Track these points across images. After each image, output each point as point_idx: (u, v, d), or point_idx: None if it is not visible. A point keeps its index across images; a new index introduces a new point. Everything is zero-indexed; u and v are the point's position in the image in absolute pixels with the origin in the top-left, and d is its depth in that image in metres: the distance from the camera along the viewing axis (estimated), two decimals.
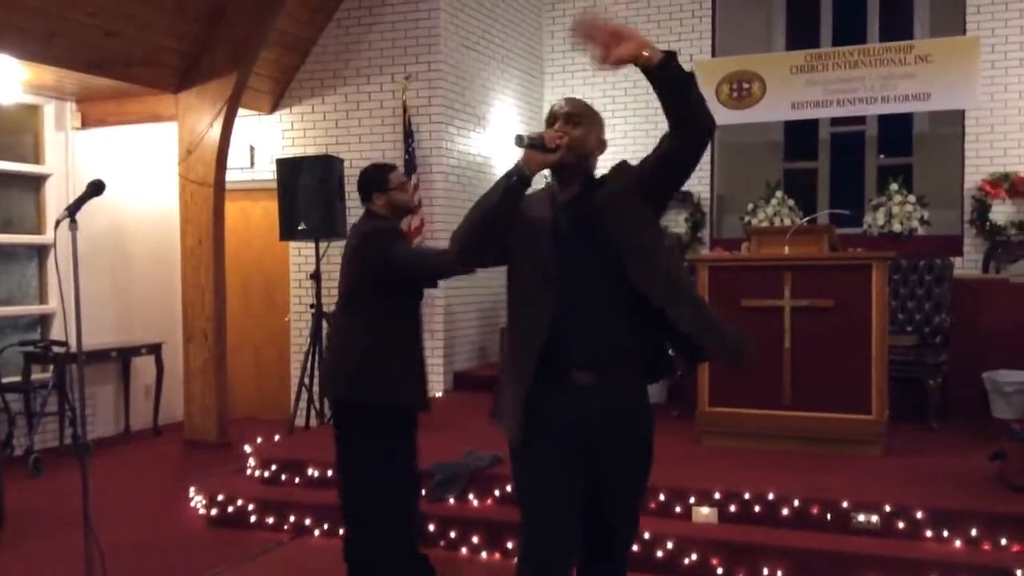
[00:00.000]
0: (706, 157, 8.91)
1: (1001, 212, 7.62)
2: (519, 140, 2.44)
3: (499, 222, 2.43)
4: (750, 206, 8.35)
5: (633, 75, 8.97)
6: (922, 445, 5.39)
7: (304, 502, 4.95)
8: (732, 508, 4.36)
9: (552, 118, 2.56)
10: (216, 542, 4.80)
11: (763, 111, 8.08)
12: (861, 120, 8.54)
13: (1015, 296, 6.50)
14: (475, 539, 4.53)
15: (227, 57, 6.76)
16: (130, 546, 4.58)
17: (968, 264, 7.69)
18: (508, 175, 2.41)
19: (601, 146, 2.61)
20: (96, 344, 6.96)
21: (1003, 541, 3.97)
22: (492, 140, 8.31)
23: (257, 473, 5.37)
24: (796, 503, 4.31)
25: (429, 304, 7.41)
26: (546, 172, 2.53)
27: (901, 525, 4.14)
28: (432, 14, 7.48)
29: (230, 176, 7.18)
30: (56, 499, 5.47)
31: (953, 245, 7.74)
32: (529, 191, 2.48)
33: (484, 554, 4.49)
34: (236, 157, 7.62)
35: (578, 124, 2.53)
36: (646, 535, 4.13)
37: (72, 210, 3.07)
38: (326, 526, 4.82)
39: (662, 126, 7.90)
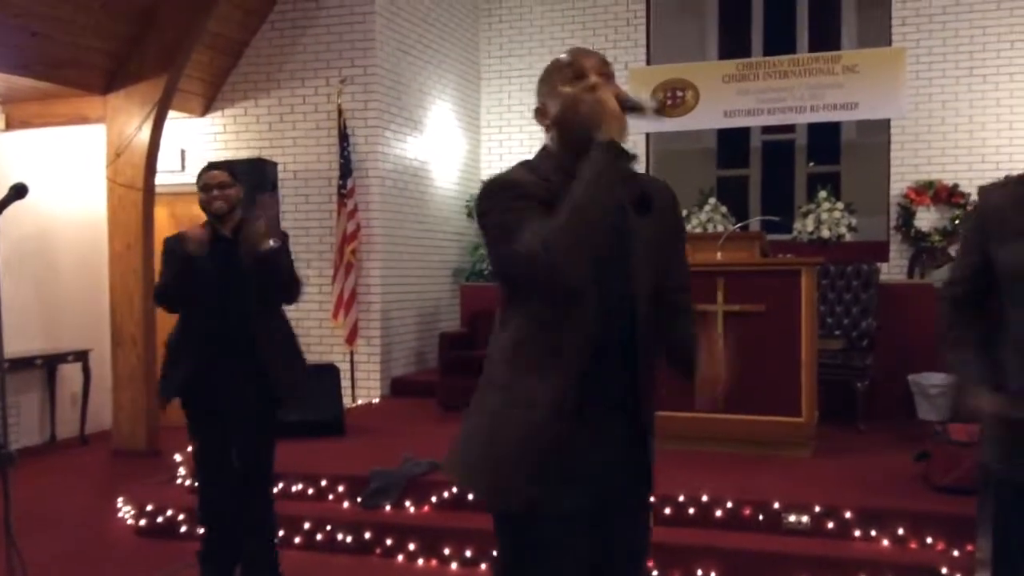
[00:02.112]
0: (641, 164, 9.04)
1: (925, 219, 7.85)
2: (634, 108, 1.91)
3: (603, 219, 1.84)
4: (684, 212, 8.45)
5: None
6: (850, 446, 5.52)
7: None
8: (667, 510, 4.40)
9: (588, 71, 2.04)
10: (145, 552, 4.68)
11: (696, 119, 8.20)
12: (791, 128, 8.73)
13: (939, 301, 6.68)
14: (411, 546, 4.49)
15: (157, 59, 6.62)
16: (56, 557, 4.45)
17: (894, 269, 7.90)
18: (607, 155, 1.81)
19: None
20: (20, 351, 6.75)
21: (929, 539, 4.08)
22: (429, 144, 8.29)
23: (187, 482, 5.26)
24: (729, 504, 4.37)
25: (366, 308, 7.36)
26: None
27: (831, 525, 4.23)
28: (367, 18, 7.43)
29: (160, 180, 7.03)
30: (34, 498, 5.28)
31: (879, 251, 7.94)
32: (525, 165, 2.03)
33: (421, 561, 4.46)
34: (166, 160, 7.46)
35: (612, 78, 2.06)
36: None
37: None
38: None
39: None
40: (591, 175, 1.80)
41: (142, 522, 4.97)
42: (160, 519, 4.93)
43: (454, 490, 4.73)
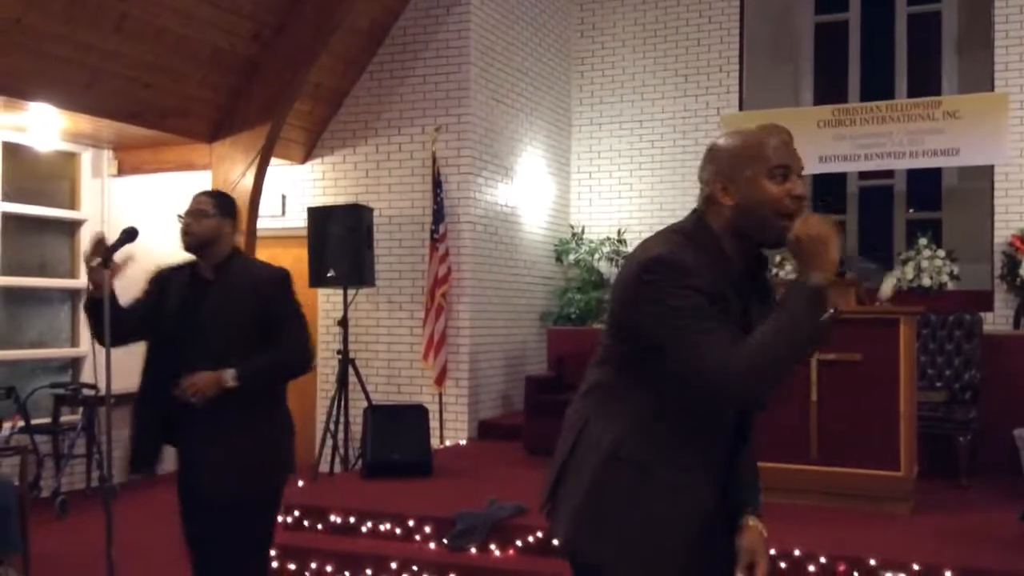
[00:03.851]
0: None
1: None
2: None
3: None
4: (777, 258, 8.34)
5: (659, 128, 9.08)
6: (952, 503, 5.30)
7: (326, 549, 4.93)
8: None
9: (783, 174, 1.96)
10: None
11: None
12: (890, 174, 8.55)
13: None
14: None
15: (261, 109, 6.90)
16: None
17: (999, 320, 7.61)
18: (819, 312, 1.82)
19: None
20: (126, 387, 7.00)
21: None
22: (519, 190, 8.39)
23: (280, 519, 5.36)
24: (823, 560, 4.24)
25: (455, 350, 7.45)
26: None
27: None
28: (462, 68, 7.62)
29: (262, 224, 7.28)
30: (81, 541, 5.50)
31: (983, 300, 7.67)
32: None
33: None
34: (268, 205, 7.73)
35: None
36: None
37: (106, 255, 3.12)
38: (347, 574, 4.80)
39: (689, 178, 8.07)
40: (805, 312, 1.81)
41: None
42: None
43: (539, 535, 4.71)
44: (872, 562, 4.16)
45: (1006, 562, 4.12)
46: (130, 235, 3.16)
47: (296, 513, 5.31)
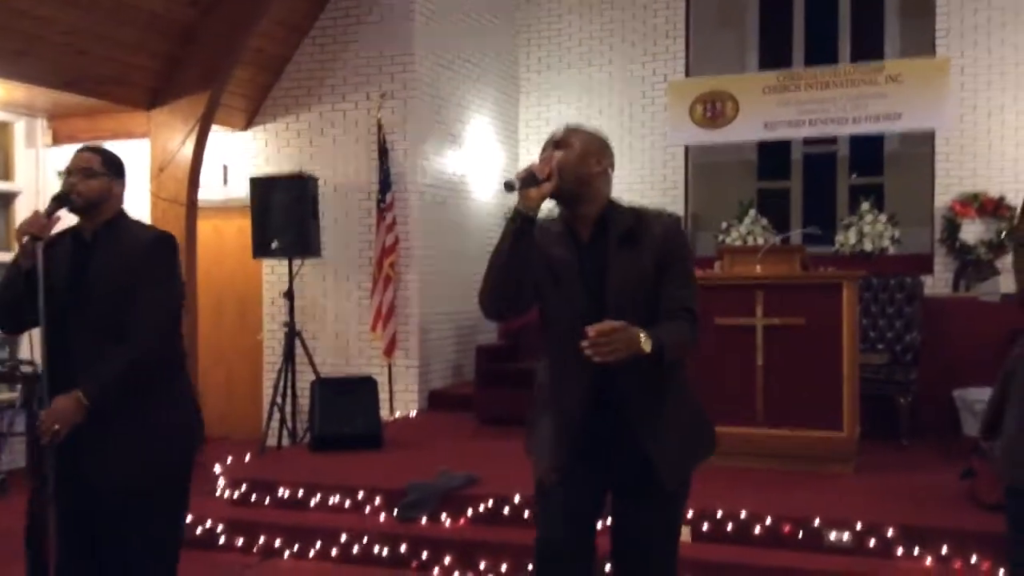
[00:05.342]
0: (680, 176, 8.98)
1: (971, 231, 7.69)
2: (508, 186, 2.40)
3: (516, 270, 2.41)
4: (724, 225, 8.40)
5: (607, 94, 9.06)
6: (893, 462, 5.42)
7: (274, 523, 4.89)
8: (705, 527, 4.36)
9: (544, 147, 2.53)
10: (184, 564, 4.71)
11: (736, 131, 8.14)
12: (833, 140, 8.62)
13: (985, 314, 6.57)
14: (447, 559, 4.49)
15: (200, 75, 6.72)
16: None
17: (939, 283, 7.76)
18: (511, 220, 2.40)
19: (605, 170, 2.55)
20: None
21: (973, 559, 4.00)
22: (468, 159, 8.32)
23: (227, 494, 5.31)
24: (769, 521, 4.31)
25: (404, 321, 7.39)
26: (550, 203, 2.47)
27: (873, 543, 4.15)
28: (408, 34, 7.49)
29: (203, 194, 7.13)
30: (21, 521, 5.36)
31: (924, 264, 7.80)
32: (543, 219, 2.47)
33: (456, 574, 4.46)
34: (209, 175, 7.56)
35: (569, 147, 2.48)
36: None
37: (40, 233, 2.96)
38: (296, 547, 4.76)
39: (637, 145, 8.01)
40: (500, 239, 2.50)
41: None
42: (199, 530, 4.97)
43: (490, 504, 4.72)
44: (816, 522, 4.24)
45: (946, 519, 4.23)
46: (61, 201, 2.99)
47: (243, 487, 5.26)
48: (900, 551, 4.11)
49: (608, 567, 3.60)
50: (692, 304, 2.45)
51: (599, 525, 2.61)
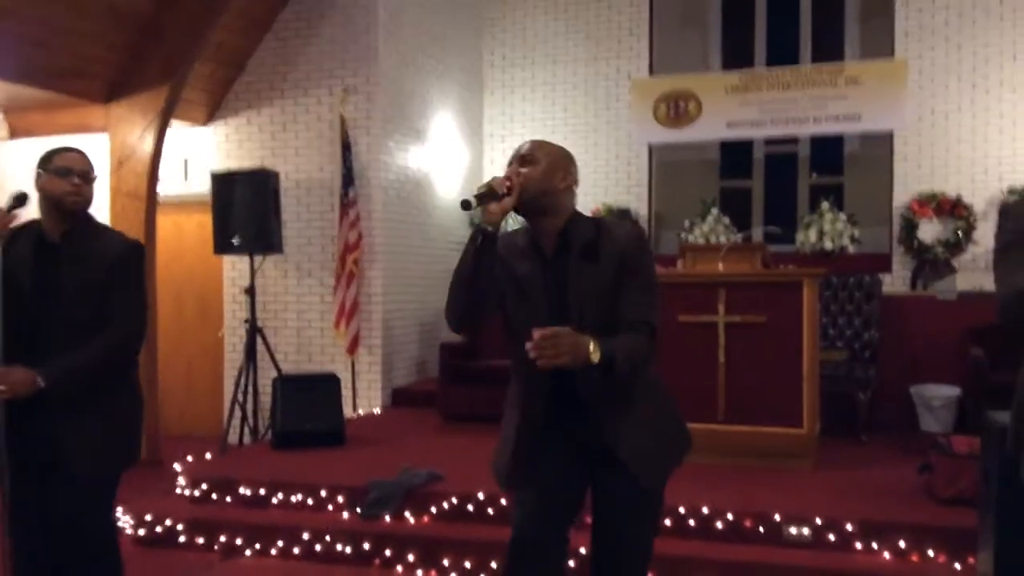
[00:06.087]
0: (644, 175, 9.02)
1: (928, 231, 7.83)
2: (465, 205, 2.44)
3: (479, 285, 2.44)
4: (687, 223, 8.46)
5: (571, 92, 9.08)
6: (852, 458, 5.50)
7: (236, 521, 4.84)
8: (667, 522, 4.38)
9: (509, 161, 2.56)
10: (144, 563, 4.67)
11: (699, 130, 8.20)
12: (794, 140, 8.71)
13: (942, 312, 6.69)
14: (411, 557, 4.48)
15: (160, 69, 6.63)
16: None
17: (897, 281, 7.88)
18: (473, 238, 2.42)
19: (569, 186, 2.57)
20: None
21: (931, 552, 4.06)
22: (431, 154, 8.29)
23: (187, 492, 5.25)
24: (730, 516, 4.35)
25: (367, 318, 7.36)
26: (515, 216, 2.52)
27: (832, 537, 4.21)
28: (371, 28, 7.45)
29: (163, 189, 7.04)
30: None
31: (882, 263, 7.92)
32: (510, 230, 2.54)
33: (420, 572, 4.45)
34: (169, 170, 7.49)
35: (532, 162, 2.51)
36: (581, 551, 4.12)
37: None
38: (258, 546, 4.72)
39: (601, 143, 8.05)
40: (462, 255, 2.49)
41: (141, 532, 4.96)
42: (159, 529, 4.92)
43: (454, 500, 4.72)
44: (777, 517, 4.29)
45: (905, 514, 4.29)
46: (20, 200, 2.98)
47: (204, 486, 5.20)
48: (859, 545, 4.16)
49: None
50: (651, 317, 2.47)
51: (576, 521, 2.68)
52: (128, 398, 3.08)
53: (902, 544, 4.10)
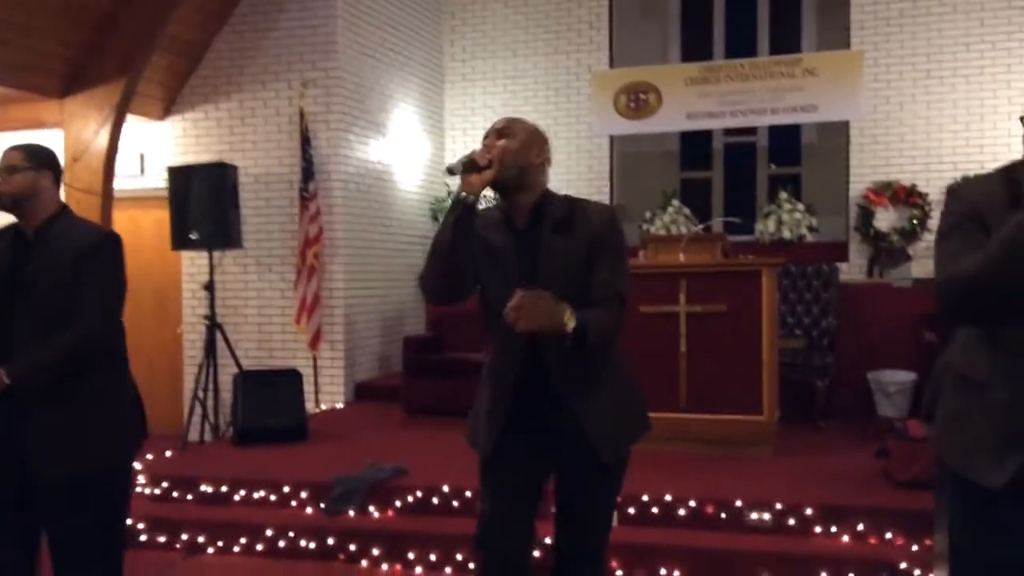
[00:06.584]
0: (605, 166, 9.04)
1: (884, 219, 7.94)
2: (450, 170, 2.49)
3: (458, 256, 2.48)
4: (648, 214, 8.51)
5: (532, 84, 9.07)
6: (811, 444, 5.58)
7: (198, 519, 4.80)
8: (631, 510, 4.42)
9: (486, 136, 2.60)
10: None
11: (659, 121, 8.24)
12: (753, 131, 8.79)
13: (897, 300, 6.80)
14: (376, 551, 4.47)
15: (115, 63, 6.54)
16: None
17: (853, 269, 7.99)
18: (453, 207, 2.46)
19: (544, 162, 2.64)
20: None
21: (888, 535, 4.13)
22: (392, 147, 8.26)
23: (148, 490, 5.19)
24: (692, 503, 4.40)
25: (329, 312, 7.32)
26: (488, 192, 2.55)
27: (792, 522, 4.27)
28: (329, 21, 7.40)
29: (119, 184, 6.94)
30: None
31: (839, 251, 8.02)
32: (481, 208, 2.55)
33: (385, 566, 4.44)
34: (125, 165, 7.38)
35: (512, 136, 2.57)
36: (546, 540, 4.14)
37: None
38: (220, 544, 4.69)
39: (562, 135, 8.09)
40: (441, 225, 2.56)
41: None
42: None
43: (419, 495, 4.72)
44: (738, 503, 4.34)
45: (863, 498, 4.37)
46: None
47: (165, 484, 5.15)
48: (818, 529, 4.23)
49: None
50: (621, 289, 2.54)
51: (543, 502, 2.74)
52: (111, 393, 2.93)
53: (860, 527, 4.17)
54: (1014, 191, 2.01)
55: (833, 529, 4.21)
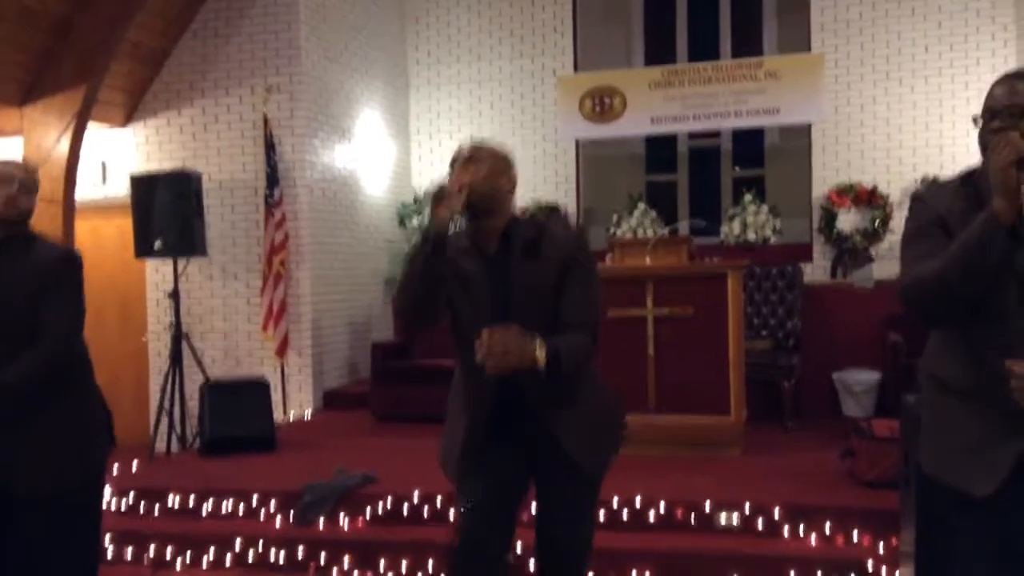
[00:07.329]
0: (572, 170, 9.06)
1: (847, 221, 8.04)
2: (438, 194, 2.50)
3: (429, 286, 2.49)
4: (615, 217, 8.55)
5: (497, 88, 9.07)
6: (778, 444, 5.63)
7: (165, 532, 4.74)
8: (601, 514, 4.43)
9: (453, 163, 2.60)
10: None
11: (624, 125, 8.28)
12: (717, 134, 8.86)
13: (860, 300, 6.89)
14: (346, 560, 4.44)
15: (75, 69, 6.45)
16: None
17: (817, 271, 8.07)
18: (423, 240, 2.47)
19: (512, 188, 2.65)
20: None
21: (855, 534, 4.18)
22: (358, 152, 8.22)
23: (114, 503, 5.12)
24: (662, 506, 4.42)
25: (296, 319, 7.27)
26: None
27: (760, 523, 4.30)
28: (292, 26, 7.35)
29: (80, 193, 6.85)
30: None
31: (803, 253, 8.11)
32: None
33: (356, 574, 4.42)
34: (87, 173, 7.28)
35: (480, 162, 2.57)
36: (518, 545, 4.15)
37: None
38: (189, 556, 4.63)
39: (528, 139, 8.09)
40: (412, 256, 2.59)
41: None
42: None
43: (389, 502, 4.70)
44: (707, 505, 4.37)
45: (829, 497, 4.41)
46: None
47: (131, 496, 5.08)
48: (786, 530, 4.27)
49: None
50: (591, 317, 2.57)
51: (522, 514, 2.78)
52: (76, 409, 2.93)
53: (828, 527, 4.21)
54: (974, 196, 2.06)
55: (801, 529, 4.25)
